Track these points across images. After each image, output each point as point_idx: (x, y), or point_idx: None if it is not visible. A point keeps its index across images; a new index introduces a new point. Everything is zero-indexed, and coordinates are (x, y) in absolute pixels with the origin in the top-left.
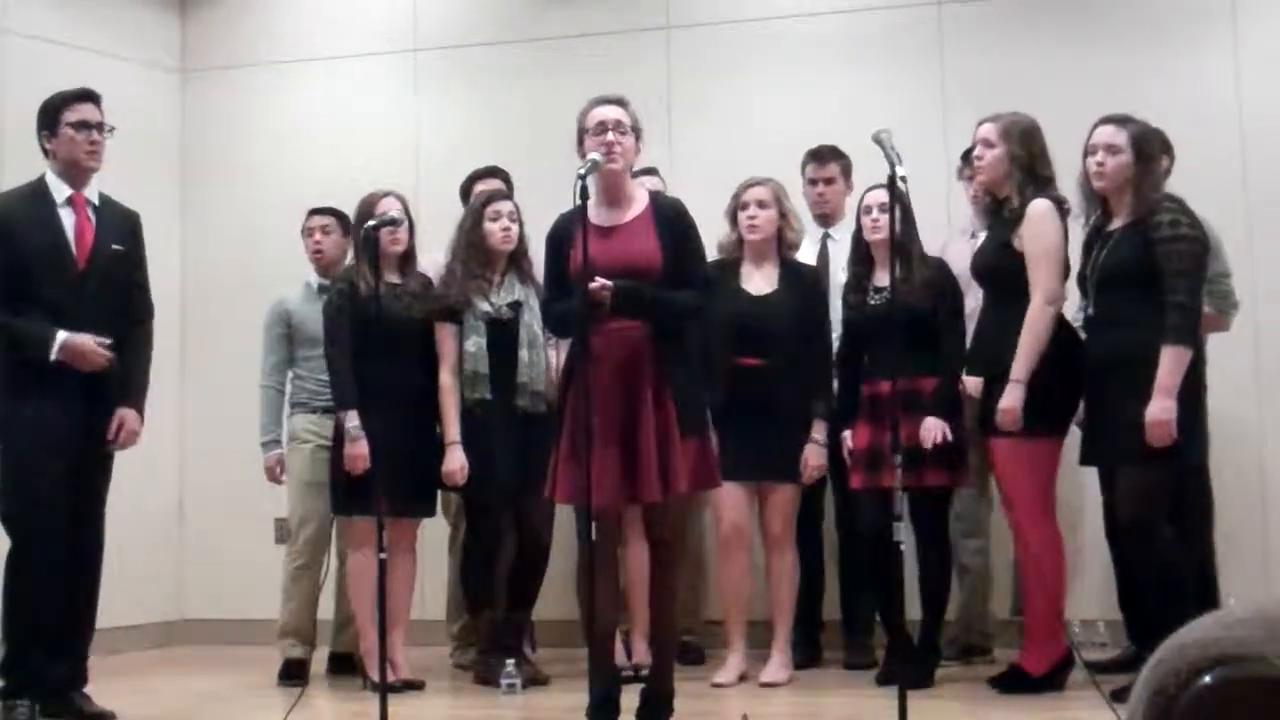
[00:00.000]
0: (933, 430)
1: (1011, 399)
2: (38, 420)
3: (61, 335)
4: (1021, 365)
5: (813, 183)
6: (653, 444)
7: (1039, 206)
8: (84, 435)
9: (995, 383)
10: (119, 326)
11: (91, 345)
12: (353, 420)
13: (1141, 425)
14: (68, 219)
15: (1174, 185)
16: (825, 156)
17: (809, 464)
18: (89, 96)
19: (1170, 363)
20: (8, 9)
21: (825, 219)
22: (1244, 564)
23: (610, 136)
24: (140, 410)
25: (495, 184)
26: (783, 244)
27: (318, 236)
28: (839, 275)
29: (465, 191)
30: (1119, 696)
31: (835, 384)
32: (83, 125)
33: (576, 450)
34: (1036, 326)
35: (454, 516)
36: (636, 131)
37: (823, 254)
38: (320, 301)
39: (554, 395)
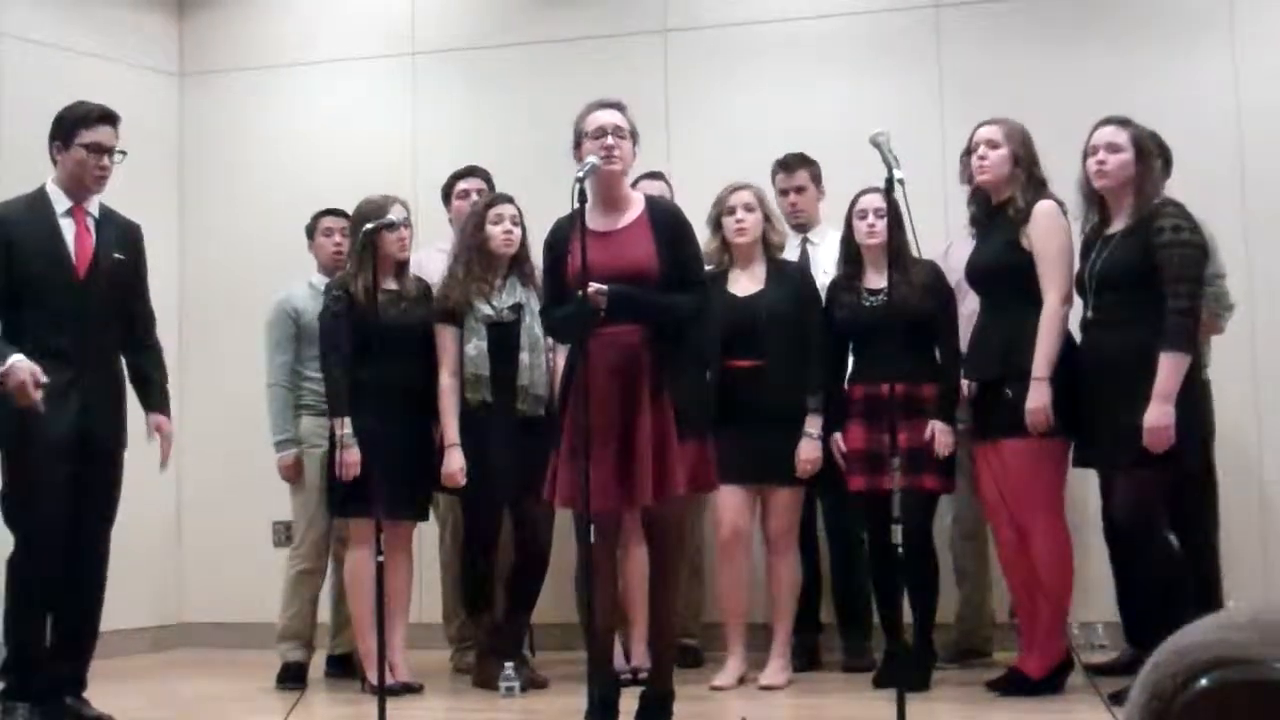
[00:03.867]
0: (945, 436)
1: (1040, 397)
2: (36, 422)
3: (12, 359)
4: (1043, 363)
5: (784, 193)
6: (649, 447)
7: (1046, 206)
8: (81, 437)
9: (997, 385)
10: (119, 335)
11: (29, 377)
12: (345, 428)
13: (1139, 429)
14: (67, 229)
15: (1171, 188)
16: (793, 165)
17: (802, 458)
18: (109, 118)
19: (1169, 368)
20: (5, 12)
21: (801, 226)
22: (1242, 569)
23: (609, 140)
24: (169, 417)
25: (477, 183)
26: (768, 246)
27: (337, 238)
28: (821, 279)
29: (447, 192)
30: (1117, 699)
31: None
32: (97, 149)
33: (575, 454)
34: (1054, 325)
35: (442, 517)
36: (634, 136)
37: (803, 258)
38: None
39: (554, 398)
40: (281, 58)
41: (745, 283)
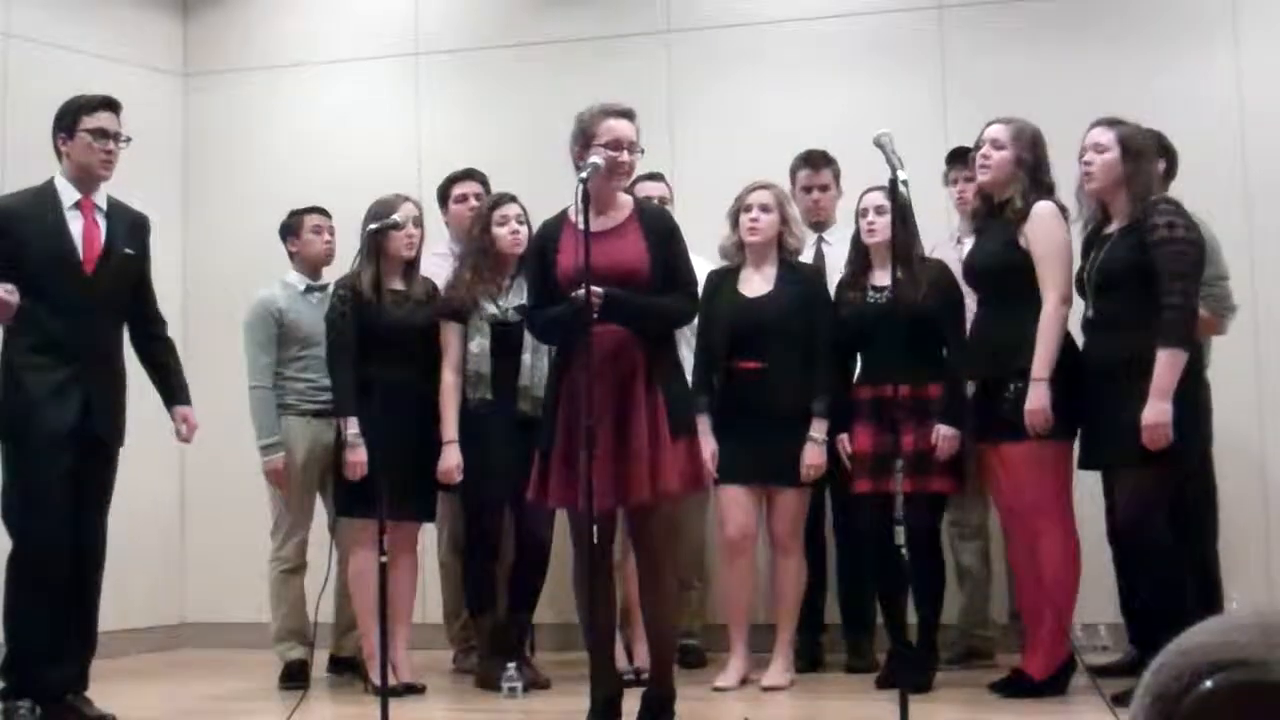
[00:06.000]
0: (950, 440)
1: (1039, 399)
2: (36, 419)
3: None
4: (1043, 364)
5: (807, 190)
6: (644, 445)
7: (1044, 207)
8: (81, 431)
9: (997, 386)
10: (123, 330)
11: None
12: (352, 428)
13: (1138, 428)
14: (75, 223)
15: (1175, 187)
16: (818, 162)
17: (807, 462)
18: (110, 105)
19: (1165, 365)
20: (10, 12)
21: (819, 225)
22: (1246, 568)
23: (625, 157)
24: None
25: (474, 186)
26: (783, 249)
27: (327, 236)
28: (835, 279)
29: (443, 195)
30: (1120, 700)
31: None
32: (101, 134)
33: (569, 453)
34: (1053, 326)
35: (441, 517)
36: (640, 147)
37: (818, 258)
38: (308, 301)
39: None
40: (285, 58)
41: (756, 283)
